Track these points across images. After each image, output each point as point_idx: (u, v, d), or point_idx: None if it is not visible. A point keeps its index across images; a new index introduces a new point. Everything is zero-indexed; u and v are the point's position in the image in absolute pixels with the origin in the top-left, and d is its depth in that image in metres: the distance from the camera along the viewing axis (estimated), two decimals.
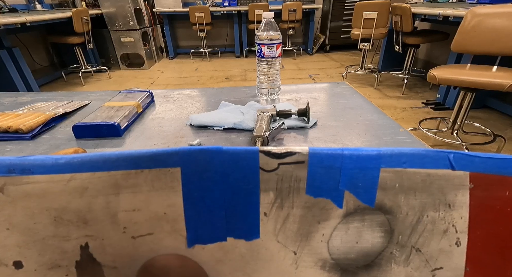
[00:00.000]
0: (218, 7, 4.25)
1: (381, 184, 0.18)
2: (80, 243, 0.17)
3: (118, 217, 0.17)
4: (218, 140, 0.51)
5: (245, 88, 0.76)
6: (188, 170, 0.17)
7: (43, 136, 0.54)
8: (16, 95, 0.76)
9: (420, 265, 0.18)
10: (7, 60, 2.49)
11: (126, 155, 0.17)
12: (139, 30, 3.78)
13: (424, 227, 0.18)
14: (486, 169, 0.17)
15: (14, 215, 0.17)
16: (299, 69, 3.88)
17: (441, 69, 1.64)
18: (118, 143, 0.51)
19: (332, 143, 0.49)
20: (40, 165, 0.17)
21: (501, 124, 2.10)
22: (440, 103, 2.49)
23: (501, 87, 1.41)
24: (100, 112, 0.56)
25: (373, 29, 2.81)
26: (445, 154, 0.18)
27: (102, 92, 0.76)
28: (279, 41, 0.64)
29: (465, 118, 1.76)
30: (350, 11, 4.06)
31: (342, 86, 0.76)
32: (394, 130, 0.52)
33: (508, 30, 1.53)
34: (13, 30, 2.49)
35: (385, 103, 2.61)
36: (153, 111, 0.64)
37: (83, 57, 3.45)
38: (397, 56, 3.07)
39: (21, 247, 0.17)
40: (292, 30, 4.11)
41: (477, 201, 0.18)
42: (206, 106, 0.66)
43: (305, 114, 0.55)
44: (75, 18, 3.01)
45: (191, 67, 4.13)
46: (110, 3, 3.61)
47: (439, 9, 2.15)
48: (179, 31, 4.86)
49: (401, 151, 0.18)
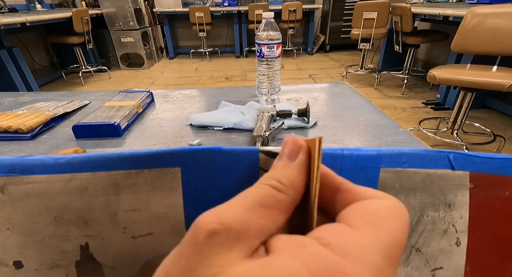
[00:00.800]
0: (218, 7, 4.25)
1: (381, 184, 0.18)
2: (80, 243, 0.17)
3: (118, 217, 0.17)
4: (218, 140, 0.51)
5: (245, 88, 0.76)
6: (188, 170, 0.17)
7: (43, 136, 0.54)
8: (16, 95, 0.76)
9: (420, 265, 0.18)
10: (7, 60, 2.49)
11: (126, 155, 0.17)
12: (139, 30, 3.78)
13: (424, 227, 0.18)
14: (486, 169, 0.17)
15: (14, 215, 0.17)
16: (299, 69, 3.88)
17: (441, 69, 1.64)
18: (118, 143, 0.51)
19: (332, 142, 0.49)
20: (40, 165, 0.17)
21: (501, 124, 2.10)
22: (440, 103, 2.49)
23: (501, 87, 1.41)
24: (100, 112, 0.56)
25: (373, 29, 2.81)
26: (445, 154, 0.18)
27: (102, 92, 0.76)
28: (279, 41, 0.64)
29: (465, 118, 1.76)
30: (350, 11, 4.06)
31: (342, 86, 0.76)
32: (394, 130, 0.52)
33: (508, 30, 1.53)
34: (13, 30, 2.49)
35: (385, 103, 2.61)
36: (153, 111, 0.64)
37: (83, 57, 3.45)
38: (397, 56, 3.07)
39: (21, 247, 0.17)
40: (292, 30, 4.11)
41: (477, 201, 0.18)
42: (206, 106, 0.66)
43: (305, 114, 0.55)
44: (75, 18, 3.01)
45: (191, 67, 4.13)
46: (110, 3, 3.61)
47: (439, 9, 2.15)
48: (179, 31, 4.86)
49: (401, 151, 0.18)
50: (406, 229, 0.11)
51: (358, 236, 0.10)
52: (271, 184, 0.12)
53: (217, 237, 0.10)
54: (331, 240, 0.10)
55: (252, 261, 0.10)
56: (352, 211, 0.11)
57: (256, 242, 0.11)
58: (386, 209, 0.11)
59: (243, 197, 0.12)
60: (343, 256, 0.09)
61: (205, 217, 0.10)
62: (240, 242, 0.10)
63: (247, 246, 0.10)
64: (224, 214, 0.11)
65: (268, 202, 0.11)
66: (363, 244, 0.09)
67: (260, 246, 0.11)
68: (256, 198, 0.12)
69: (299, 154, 0.13)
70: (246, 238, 0.10)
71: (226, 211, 0.11)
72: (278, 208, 0.12)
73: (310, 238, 0.10)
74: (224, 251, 0.10)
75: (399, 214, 0.11)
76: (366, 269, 0.09)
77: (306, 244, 0.10)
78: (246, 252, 0.10)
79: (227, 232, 0.10)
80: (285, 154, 0.14)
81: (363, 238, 0.10)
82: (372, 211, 0.11)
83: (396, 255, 0.10)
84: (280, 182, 0.12)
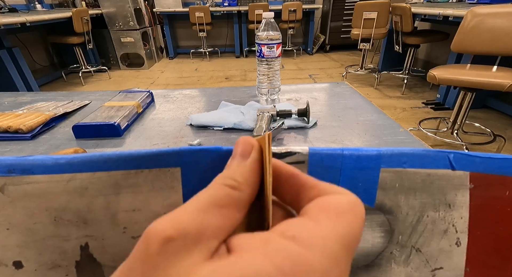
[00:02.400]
0: (218, 7, 4.25)
1: (381, 184, 0.18)
2: (80, 243, 0.17)
3: (118, 217, 0.17)
4: (218, 140, 0.51)
5: (245, 88, 0.76)
6: (188, 170, 0.17)
7: (43, 136, 0.54)
8: (16, 95, 0.76)
9: (420, 265, 0.18)
10: (7, 60, 2.49)
11: (126, 155, 0.17)
12: (139, 30, 3.78)
13: (424, 227, 0.18)
14: (486, 169, 0.17)
15: (14, 215, 0.17)
16: (299, 69, 3.88)
17: (441, 69, 1.64)
18: (118, 143, 0.51)
19: (332, 142, 0.49)
20: (40, 165, 0.17)
21: (501, 124, 2.10)
22: (440, 103, 2.49)
23: (501, 87, 1.41)
24: (100, 112, 0.56)
25: (373, 29, 2.81)
26: (445, 154, 0.18)
27: (102, 92, 0.76)
28: (279, 41, 0.64)
29: (465, 118, 1.76)
30: (350, 11, 4.05)
31: (342, 86, 0.76)
32: (394, 130, 0.52)
33: (508, 30, 1.53)
34: (13, 30, 2.49)
35: (385, 103, 2.61)
36: (153, 111, 0.64)
37: (83, 57, 3.45)
38: (397, 56, 3.07)
39: (21, 247, 0.17)
40: (292, 30, 4.11)
41: (477, 201, 0.18)
42: (206, 106, 0.66)
43: (305, 114, 0.55)
44: (75, 18, 3.00)
45: (191, 67, 4.13)
46: (110, 3, 3.61)
47: (439, 9, 2.15)
48: (179, 31, 4.86)
49: (401, 151, 0.18)
50: (362, 223, 0.11)
51: (320, 228, 0.10)
52: (225, 183, 0.12)
53: (172, 244, 0.09)
54: (295, 233, 0.10)
55: (214, 263, 0.09)
56: (314, 205, 0.12)
57: (214, 243, 0.10)
58: (346, 204, 0.11)
59: (197, 198, 0.12)
60: (307, 247, 0.09)
61: (157, 225, 0.10)
62: (198, 245, 0.10)
63: (205, 248, 0.10)
64: (178, 218, 0.10)
65: (223, 201, 0.12)
66: (324, 235, 0.10)
67: (220, 245, 0.11)
68: (211, 198, 0.12)
69: (251, 152, 0.14)
70: (204, 240, 0.10)
71: (180, 215, 0.10)
72: (234, 205, 0.12)
73: (273, 232, 0.10)
74: (181, 258, 0.09)
75: (357, 209, 0.11)
76: (327, 259, 0.09)
77: (269, 239, 0.10)
78: (205, 255, 0.10)
79: (184, 237, 0.10)
80: (238, 153, 0.14)
81: (324, 230, 0.10)
82: (332, 206, 0.11)
83: (352, 246, 0.10)
84: (235, 180, 0.13)
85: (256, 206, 0.14)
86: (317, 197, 0.12)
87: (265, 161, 0.14)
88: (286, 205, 0.14)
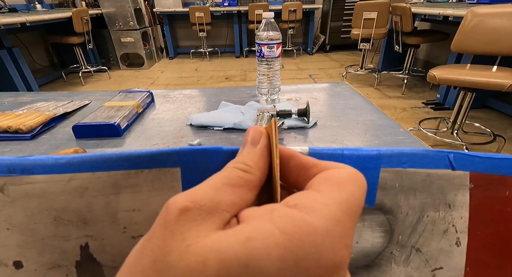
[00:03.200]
0: (218, 7, 4.25)
1: (381, 184, 0.18)
2: (80, 243, 0.17)
3: (118, 217, 0.17)
4: (218, 140, 0.51)
5: (245, 88, 0.76)
6: (188, 170, 0.17)
7: (43, 136, 0.54)
8: (16, 95, 0.76)
9: (420, 265, 0.18)
10: (7, 60, 2.49)
11: (126, 155, 0.17)
12: (139, 30, 3.78)
13: (424, 227, 0.18)
14: (486, 169, 0.17)
15: (14, 215, 0.17)
16: (299, 69, 3.88)
17: (441, 69, 1.64)
18: (118, 143, 0.51)
19: (332, 142, 0.49)
20: (40, 165, 0.17)
21: (501, 124, 2.10)
22: (440, 103, 2.49)
23: (501, 87, 1.41)
24: (100, 112, 0.56)
25: (373, 29, 2.81)
26: (445, 154, 0.17)
27: (102, 92, 0.76)
28: (279, 41, 0.64)
29: (465, 118, 1.76)
30: (350, 11, 4.06)
31: (342, 86, 0.76)
32: (394, 130, 0.52)
33: (508, 30, 1.53)
34: (13, 30, 2.49)
35: (385, 103, 2.61)
36: (153, 111, 0.64)
37: (83, 57, 3.45)
38: (397, 56, 3.08)
39: (21, 247, 0.17)
40: (292, 30, 4.11)
41: (477, 201, 0.18)
42: (206, 106, 0.66)
43: (305, 114, 0.55)
44: (75, 18, 3.00)
45: (191, 67, 4.13)
46: (110, 3, 3.61)
47: (439, 9, 2.15)
48: (179, 31, 4.86)
49: (401, 151, 0.18)
50: (363, 192, 0.12)
51: (321, 196, 0.11)
52: (237, 166, 0.13)
53: (188, 213, 0.10)
54: (297, 201, 0.11)
55: (225, 231, 0.10)
56: (316, 179, 0.13)
57: (227, 215, 0.11)
58: (346, 175, 0.12)
59: (211, 179, 0.13)
60: (308, 212, 0.10)
61: (176, 198, 0.11)
62: (212, 216, 0.11)
63: (219, 219, 0.11)
64: (194, 193, 0.11)
65: (236, 181, 0.13)
66: (325, 202, 0.11)
67: (232, 218, 0.12)
68: (224, 178, 0.13)
69: (260, 139, 0.15)
70: (217, 212, 0.11)
71: (196, 191, 0.11)
72: (245, 186, 0.13)
73: (278, 204, 0.11)
74: (196, 225, 0.10)
75: (357, 179, 0.12)
76: (329, 221, 0.10)
77: (274, 208, 0.11)
78: (218, 225, 0.11)
79: (199, 208, 0.11)
80: (248, 141, 0.15)
81: (326, 198, 0.11)
82: (333, 177, 0.12)
83: (355, 211, 0.11)
84: (246, 164, 0.14)
85: (266, 187, 0.14)
86: (320, 172, 0.13)
87: (272, 145, 0.15)
88: (292, 188, 0.15)
